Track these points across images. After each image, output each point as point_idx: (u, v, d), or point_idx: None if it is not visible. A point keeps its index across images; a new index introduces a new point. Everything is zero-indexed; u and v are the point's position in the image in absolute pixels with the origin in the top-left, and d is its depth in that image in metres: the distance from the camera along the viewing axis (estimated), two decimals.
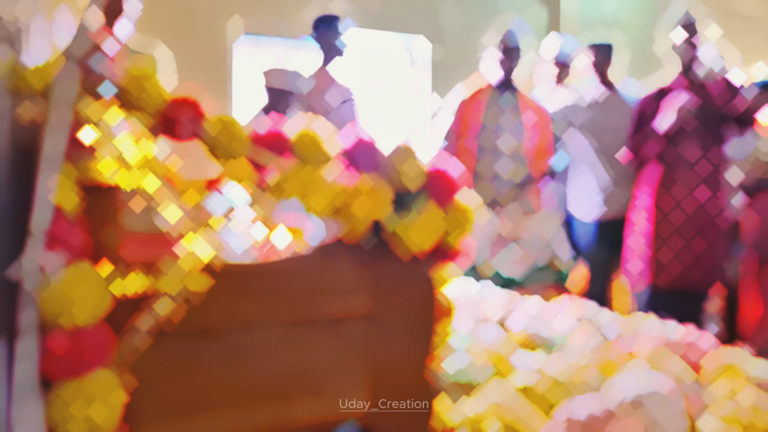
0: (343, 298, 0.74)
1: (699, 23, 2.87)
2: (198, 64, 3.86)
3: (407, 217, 0.73)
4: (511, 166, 2.63)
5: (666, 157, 2.84)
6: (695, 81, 2.87)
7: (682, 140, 2.80)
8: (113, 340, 0.61)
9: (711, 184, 2.82)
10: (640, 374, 1.01)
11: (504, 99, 2.72)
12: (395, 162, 0.72)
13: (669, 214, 2.82)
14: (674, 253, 2.79)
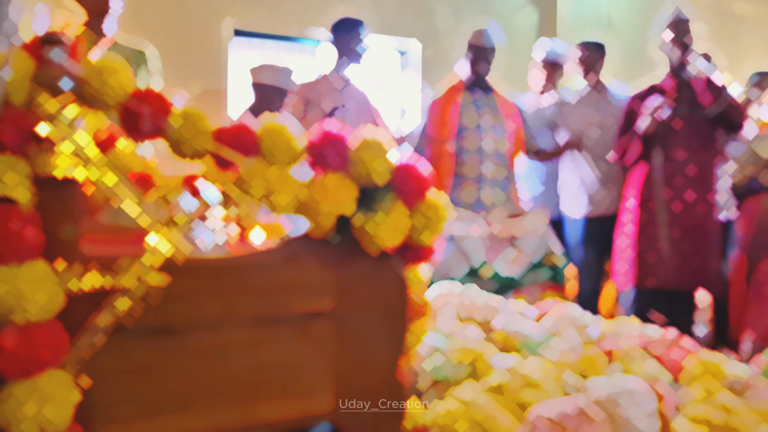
0: (309, 295, 0.73)
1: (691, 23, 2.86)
2: (193, 63, 3.85)
3: (374, 213, 0.72)
4: (493, 167, 2.62)
5: (652, 158, 2.84)
6: (684, 80, 2.86)
7: (668, 141, 2.78)
8: (66, 338, 0.59)
9: (698, 185, 2.80)
10: (615, 376, 1.01)
11: (481, 99, 2.71)
12: (361, 157, 0.71)
13: (654, 214, 2.81)
14: (659, 254, 2.78)
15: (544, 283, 2.40)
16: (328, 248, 0.74)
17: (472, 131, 2.64)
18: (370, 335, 0.77)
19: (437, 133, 2.65)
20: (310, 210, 0.71)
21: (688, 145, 2.81)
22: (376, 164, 0.71)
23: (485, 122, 2.67)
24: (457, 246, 2.36)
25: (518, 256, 2.38)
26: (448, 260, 2.33)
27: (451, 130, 2.62)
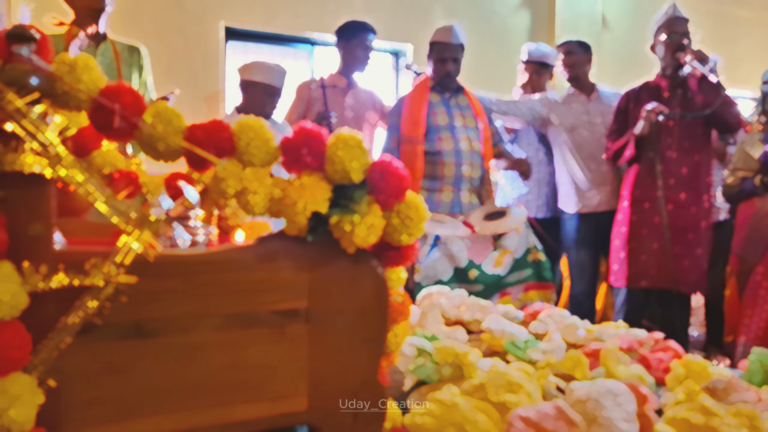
0: (284, 294, 0.72)
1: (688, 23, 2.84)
2: (189, 65, 3.85)
3: (350, 211, 0.71)
4: (469, 168, 2.61)
5: (644, 157, 2.81)
6: (678, 79, 2.84)
7: (661, 140, 2.76)
8: (29, 339, 0.58)
9: (691, 186, 2.78)
10: (598, 378, 1.00)
11: (452, 99, 2.70)
12: (337, 154, 0.70)
13: (646, 214, 2.79)
14: (650, 254, 2.76)
15: (528, 283, 2.39)
16: (304, 247, 0.73)
17: (446, 132, 2.64)
18: (347, 336, 0.76)
19: (408, 131, 2.64)
20: (284, 208, 0.70)
21: (680, 146, 2.79)
22: (353, 162, 0.70)
23: (458, 122, 2.66)
24: (442, 247, 2.35)
25: (502, 253, 2.37)
26: (435, 262, 2.32)
27: (422, 130, 2.61)
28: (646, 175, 2.80)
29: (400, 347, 0.87)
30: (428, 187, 2.64)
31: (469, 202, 2.63)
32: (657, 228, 2.77)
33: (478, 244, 2.40)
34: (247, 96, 2.65)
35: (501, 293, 2.41)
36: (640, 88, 2.91)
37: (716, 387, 0.91)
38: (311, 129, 0.71)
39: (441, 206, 2.61)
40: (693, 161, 2.79)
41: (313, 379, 0.74)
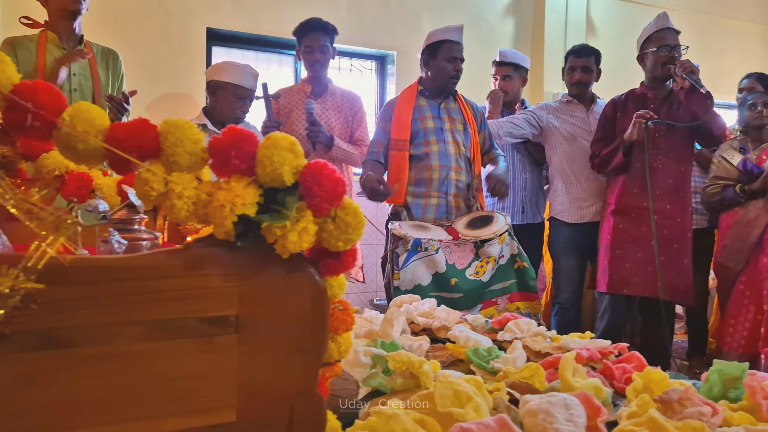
0: (212, 302, 0.69)
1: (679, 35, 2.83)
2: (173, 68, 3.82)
3: (281, 215, 0.68)
4: (457, 173, 2.59)
5: (630, 166, 2.82)
6: (666, 90, 2.84)
7: (644, 150, 2.76)
8: None
9: (675, 195, 2.80)
10: (550, 389, 0.98)
11: (442, 103, 2.68)
12: (268, 156, 0.67)
13: (631, 223, 2.80)
14: (632, 263, 2.76)
15: (513, 294, 2.36)
16: (234, 253, 0.70)
17: (433, 136, 2.62)
18: (281, 346, 0.73)
19: (396, 135, 2.63)
20: (210, 212, 0.67)
21: (666, 157, 2.80)
22: (284, 165, 0.68)
23: (447, 126, 2.64)
24: (422, 253, 2.33)
25: (484, 261, 2.35)
26: (414, 267, 2.30)
27: (407, 134, 2.59)
28: (633, 185, 2.82)
29: (344, 357, 0.84)
30: (415, 192, 2.62)
31: (457, 207, 2.61)
32: (643, 237, 2.78)
33: (460, 250, 2.37)
34: (214, 98, 2.61)
35: (486, 303, 2.38)
36: (626, 97, 2.92)
37: (671, 399, 0.89)
38: (241, 130, 0.68)
39: (429, 211, 2.59)
40: (678, 172, 2.81)
41: (244, 391, 0.71)
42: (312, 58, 2.97)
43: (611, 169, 2.87)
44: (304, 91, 3.00)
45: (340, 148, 2.94)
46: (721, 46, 6.05)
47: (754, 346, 3.26)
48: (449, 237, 2.36)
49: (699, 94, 2.64)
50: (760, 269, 3.27)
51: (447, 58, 2.65)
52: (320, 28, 2.98)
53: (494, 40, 4.88)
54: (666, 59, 2.75)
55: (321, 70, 3.01)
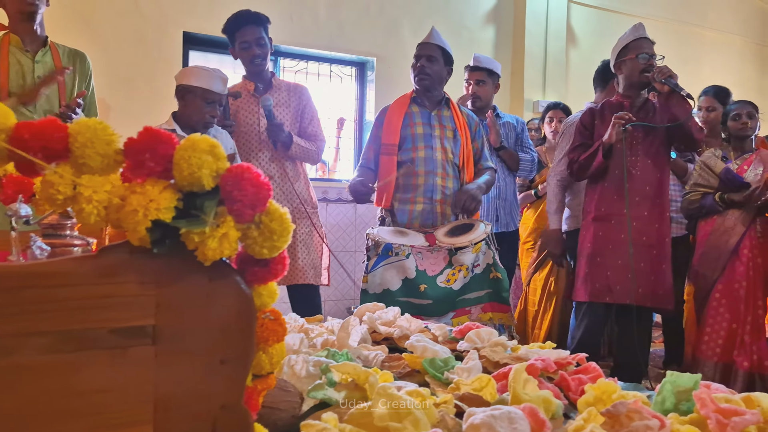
0: (126, 312, 0.66)
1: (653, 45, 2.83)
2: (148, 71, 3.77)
3: (198, 220, 0.65)
4: (444, 180, 2.57)
5: (609, 175, 2.82)
6: (643, 97, 2.85)
7: (623, 156, 2.76)
8: None
9: (654, 201, 2.78)
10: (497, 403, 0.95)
11: (434, 111, 2.66)
12: (185, 158, 0.64)
13: (609, 231, 2.79)
14: (612, 270, 2.75)
15: (486, 304, 2.34)
16: (152, 260, 0.67)
17: (422, 142, 2.60)
18: (203, 357, 0.70)
19: (386, 140, 2.62)
20: (123, 217, 0.64)
21: (644, 163, 2.80)
22: (203, 168, 0.64)
23: (436, 133, 2.62)
24: (393, 257, 2.30)
25: (456, 269, 2.32)
26: (384, 271, 2.27)
27: (397, 139, 2.57)
28: (611, 192, 2.81)
29: (276, 369, 0.81)
30: (402, 198, 2.60)
31: (443, 214, 2.58)
32: (622, 244, 2.76)
33: (432, 257, 2.35)
34: (183, 103, 2.57)
35: (459, 311, 2.35)
36: (603, 106, 2.93)
37: (618, 412, 0.86)
38: (158, 131, 0.65)
39: (414, 217, 2.56)
40: (656, 178, 2.80)
41: (161, 405, 0.67)
42: (250, 53, 2.83)
43: (591, 174, 2.86)
44: (247, 90, 2.91)
45: (300, 146, 2.84)
46: (699, 57, 6.10)
47: (730, 354, 3.27)
48: (425, 243, 2.34)
49: (679, 97, 2.65)
50: (736, 277, 3.28)
51: (414, 57, 2.67)
52: (252, 20, 2.80)
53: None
54: (645, 67, 2.76)
55: (262, 64, 2.85)
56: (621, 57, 2.86)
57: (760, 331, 3.25)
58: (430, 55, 2.63)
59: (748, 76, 6.47)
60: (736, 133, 3.31)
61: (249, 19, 2.80)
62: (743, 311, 3.24)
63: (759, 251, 3.24)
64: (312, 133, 2.94)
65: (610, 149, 2.73)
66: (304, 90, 3.00)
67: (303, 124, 2.93)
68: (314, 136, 2.94)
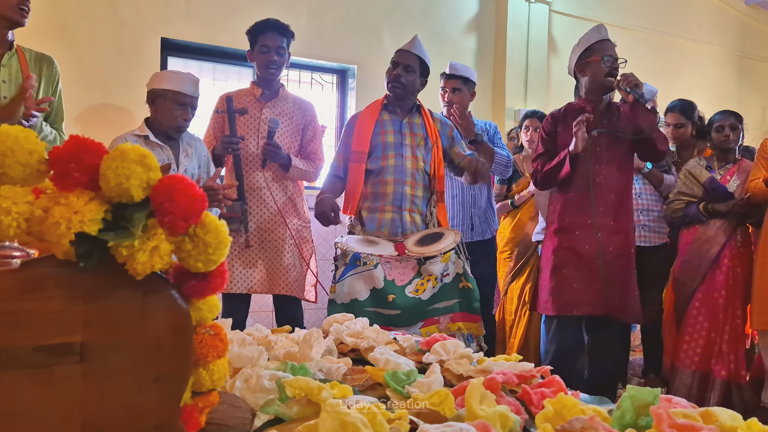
0: (51, 329, 0.63)
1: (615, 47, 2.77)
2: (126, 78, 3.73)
3: (127, 233, 0.62)
4: (413, 188, 2.55)
5: (573, 185, 2.75)
6: (605, 103, 2.80)
7: (589, 164, 2.70)
8: None
9: (618, 212, 2.73)
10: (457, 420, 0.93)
11: (405, 118, 2.64)
12: (113, 168, 0.61)
13: (575, 242, 2.72)
14: (579, 282, 2.68)
15: (455, 314, 2.31)
16: (80, 274, 0.64)
17: (392, 150, 2.57)
18: (135, 375, 0.67)
19: (356, 147, 2.59)
20: (46, 230, 0.61)
21: (608, 172, 2.74)
22: (131, 179, 0.62)
23: (407, 141, 2.59)
24: (361, 267, 2.27)
25: (425, 279, 2.29)
26: (352, 281, 2.24)
27: (366, 147, 2.55)
28: (575, 202, 2.73)
29: (218, 385, 0.78)
30: (371, 207, 2.56)
31: (412, 222, 2.55)
32: (589, 255, 2.69)
33: (401, 266, 2.32)
34: (154, 107, 2.53)
35: (427, 321, 2.31)
36: (565, 111, 2.86)
37: (573, 428, 0.84)
38: (85, 140, 0.63)
39: (383, 225, 2.53)
40: (621, 186, 2.75)
41: (89, 426, 0.65)
42: (267, 58, 2.81)
43: (557, 184, 2.80)
44: (254, 95, 2.87)
45: (298, 168, 2.81)
46: (679, 67, 6.16)
47: (708, 363, 3.27)
48: (394, 252, 2.31)
49: (643, 109, 2.61)
50: (716, 286, 3.28)
51: (391, 63, 2.64)
52: (278, 29, 2.81)
53: (457, 56, 4.88)
54: (609, 70, 2.70)
55: (276, 73, 2.84)
56: (583, 59, 2.77)
57: (738, 341, 3.26)
58: (407, 65, 2.60)
59: (727, 87, 6.54)
60: (719, 145, 3.33)
61: (275, 27, 2.83)
62: (722, 320, 3.25)
63: (739, 261, 3.26)
64: (311, 151, 2.91)
65: (577, 157, 2.67)
66: (311, 106, 2.96)
67: (304, 140, 2.90)
68: (313, 155, 2.91)
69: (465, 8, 5.01)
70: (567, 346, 2.74)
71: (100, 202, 0.63)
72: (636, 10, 5.85)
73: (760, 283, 3.04)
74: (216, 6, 4.04)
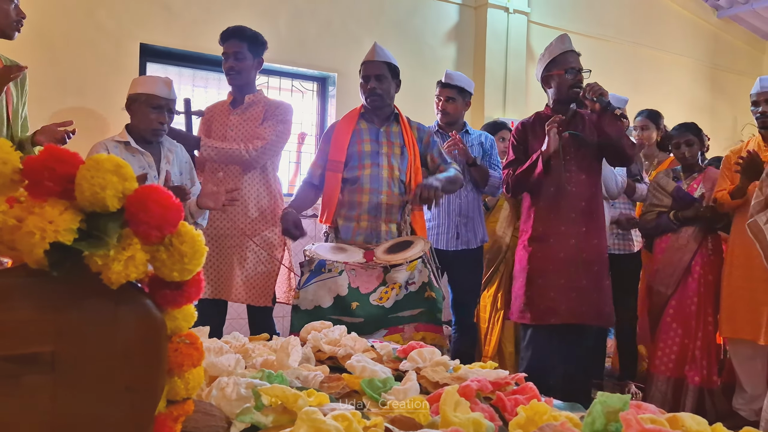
0: (21, 339, 0.63)
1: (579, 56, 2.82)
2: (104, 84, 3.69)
3: (101, 242, 0.62)
4: (388, 197, 2.55)
5: (543, 194, 2.77)
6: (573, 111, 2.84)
7: (558, 173, 2.73)
8: None
9: (589, 219, 2.75)
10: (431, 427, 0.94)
11: (382, 126, 2.65)
12: (87, 178, 0.62)
13: (549, 250, 2.74)
14: (555, 291, 2.71)
15: (419, 324, 2.31)
16: (51, 283, 0.64)
17: (368, 159, 2.58)
18: (105, 385, 0.67)
19: (333, 157, 2.59)
20: (19, 239, 0.61)
21: (578, 180, 2.77)
22: (106, 188, 0.62)
23: (384, 150, 2.60)
24: (325, 274, 2.27)
25: (389, 287, 2.29)
26: (316, 287, 2.24)
27: (343, 156, 2.55)
28: (548, 210, 2.76)
29: (192, 394, 0.78)
30: (346, 215, 2.57)
31: (387, 231, 2.55)
32: (563, 263, 2.71)
33: (366, 274, 2.31)
34: (132, 113, 2.53)
35: (391, 329, 2.30)
36: (534, 120, 2.90)
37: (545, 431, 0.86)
38: (59, 150, 0.63)
39: (358, 234, 2.53)
40: (590, 193, 2.78)
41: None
42: (226, 64, 2.83)
43: (529, 188, 2.82)
44: (226, 103, 2.91)
45: (212, 147, 2.71)
46: (654, 78, 6.27)
47: (682, 369, 3.32)
48: (362, 260, 2.31)
49: (612, 116, 2.65)
50: (688, 294, 3.35)
51: (362, 77, 2.65)
52: (237, 35, 2.80)
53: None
54: (572, 82, 2.75)
55: (236, 78, 2.81)
56: (548, 71, 2.83)
57: (710, 347, 3.33)
58: (378, 75, 2.59)
59: (699, 98, 6.68)
60: (680, 161, 3.48)
61: (234, 33, 2.83)
62: (694, 327, 3.31)
63: (710, 268, 3.33)
64: (258, 133, 2.78)
65: (550, 159, 2.69)
66: (281, 104, 2.89)
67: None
68: (259, 136, 2.77)
69: (445, 18, 5.06)
70: (542, 353, 2.76)
71: (75, 212, 0.63)
72: (612, 22, 5.96)
73: (728, 291, 3.11)
74: (196, 12, 4.03)
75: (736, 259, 3.08)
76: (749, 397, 3.08)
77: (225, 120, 2.84)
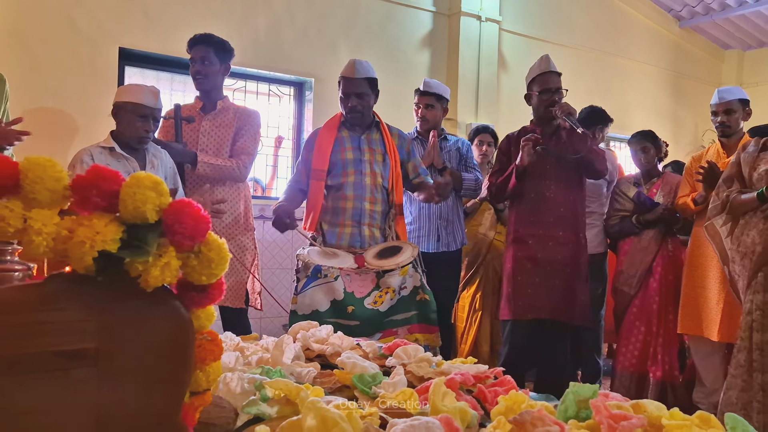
0: (69, 337, 0.70)
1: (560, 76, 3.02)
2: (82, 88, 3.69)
3: (142, 250, 0.71)
4: (372, 203, 2.64)
5: (525, 199, 2.99)
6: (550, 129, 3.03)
7: (540, 180, 2.96)
8: None
9: (567, 224, 2.96)
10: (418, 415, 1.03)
11: (363, 134, 2.73)
12: (130, 194, 0.70)
13: (528, 251, 2.95)
14: (533, 288, 2.92)
15: (413, 325, 2.41)
16: (95, 287, 0.72)
17: (351, 167, 2.66)
18: (141, 378, 0.75)
19: (316, 165, 2.66)
20: (70, 248, 0.69)
21: (557, 187, 2.98)
22: (147, 203, 0.70)
23: (366, 157, 2.68)
24: (321, 279, 2.36)
25: (383, 291, 2.40)
26: (313, 292, 2.33)
27: (326, 165, 2.63)
28: (528, 214, 2.97)
29: (212, 386, 0.87)
30: (331, 221, 2.65)
31: (371, 236, 2.64)
32: (541, 263, 2.93)
33: (360, 279, 2.41)
34: (117, 120, 2.58)
35: (386, 332, 2.41)
36: (519, 133, 3.10)
37: (524, 420, 0.97)
38: (104, 169, 0.71)
39: (342, 239, 2.62)
40: (569, 200, 2.98)
41: (102, 423, 0.72)
42: (192, 69, 2.92)
43: (507, 197, 3.04)
44: (195, 108, 2.97)
45: (210, 164, 2.81)
46: (621, 85, 6.50)
47: (644, 365, 3.50)
48: (354, 265, 2.40)
49: (577, 134, 2.84)
50: (650, 293, 3.54)
51: (341, 95, 2.71)
52: (204, 41, 2.88)
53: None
54: (548, 103, 2.97)
55: (203, 83, 2.89)
56: (529, 89, 3.06)
57: (671, 344, 3.51)
58: (358, 93, 2.65)
59: (663, 104, 6.94)
60: (637, 167, 3.69)
61: (200, 39, 2.90)
62: (656, 325, 3.50)
63: (670, 268, 3.52)
64: (238, 149, 2.89)
65: (524, 172, 2.91)
66: (252, 113, 2.99)
67: (235, 140, 2.91)
68: (240, 151, 2.88)
69: (419, 25, 5.18)
70: (518, 349, 2.92)
71: (118, 224, 0.71)
72: (580, 31, 6.16)
73: (686, 290, 3.30)
74: (175, 16, 4.06)
75: (695, 259, 3.27)
76: (708, 391, 3.27)
77: (196, 125, 2.90)
